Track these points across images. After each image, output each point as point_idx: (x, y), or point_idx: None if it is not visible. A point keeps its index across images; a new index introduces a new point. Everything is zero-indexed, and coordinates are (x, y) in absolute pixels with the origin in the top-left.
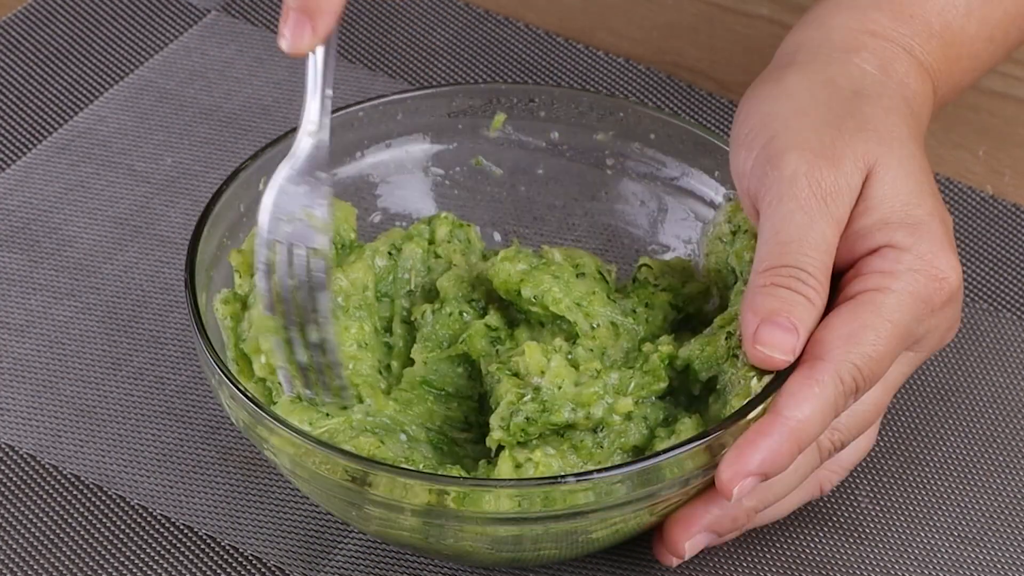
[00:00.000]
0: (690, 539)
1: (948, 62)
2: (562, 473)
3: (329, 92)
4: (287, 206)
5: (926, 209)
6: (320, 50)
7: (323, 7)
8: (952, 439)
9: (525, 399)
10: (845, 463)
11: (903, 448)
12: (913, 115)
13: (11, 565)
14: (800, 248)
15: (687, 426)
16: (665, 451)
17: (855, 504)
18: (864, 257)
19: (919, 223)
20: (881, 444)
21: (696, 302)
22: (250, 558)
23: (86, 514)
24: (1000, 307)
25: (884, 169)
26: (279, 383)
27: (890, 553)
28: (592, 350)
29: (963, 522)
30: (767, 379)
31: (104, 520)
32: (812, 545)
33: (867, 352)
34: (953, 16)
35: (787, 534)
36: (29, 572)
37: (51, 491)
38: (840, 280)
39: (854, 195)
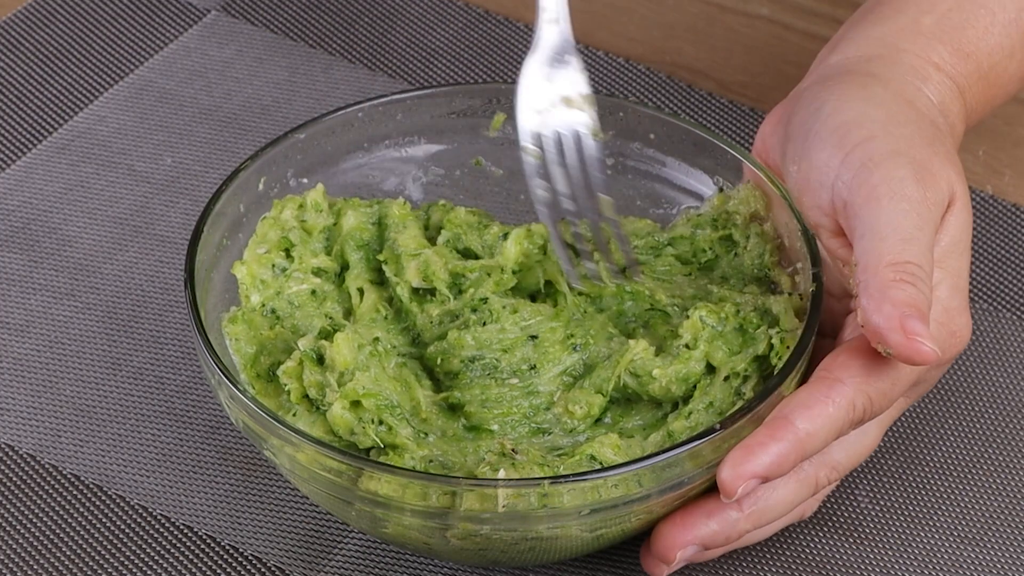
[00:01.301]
0: (683, 548)
1: (986, 102)
2: (558, 474)
3: None
4: (540, 98)
5: (962, 263)
6: None
7: None
8: (952, 439)
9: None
10: (824, 491)
11: (903, 448)
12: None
13: (11, 565)
14: (919, 248)
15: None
16: (664, 450)
17: (855, 504)
18: None
19: (954, 276)
20: (881, 444)
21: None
22: (250, 558)
23: (86, 514)
24: (1000, 307)
25: (959, 207)
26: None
27: (890, 553)
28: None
29: (963, 522)
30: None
31: (104, 520)
32: (812, 545)
33: (883, 388)
34: (1000, 57)
35: (787, 534)
36: (29, 572)
37: (51, 491)
38: None
39: (940, 215)
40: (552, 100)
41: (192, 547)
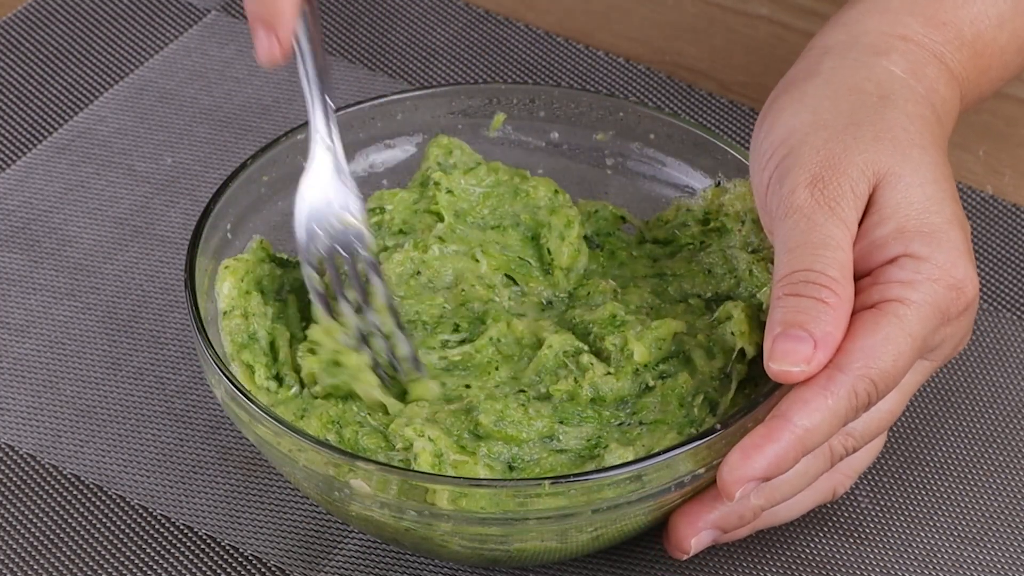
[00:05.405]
0: (696, 535)
1: (977, 72)
2: (558, 474)
3: (327, 99)
4: (320, 217)
5: (944, 216)
6: (307, 57)
7: (277, 13)
8: (952, 439)
9: None
10: (857, 467)
11: (903, 448)
12: (938, 121)
13: (11, 565)
14: (807, 250)
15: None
16: (663, 452)
17: (855, 505)
18: (882, 266)
19: (936, 231)
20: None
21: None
22: (250, 558)
23: (86, 514)
24: (1000, 307)
25: (896, 178)
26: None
27: (890, 553)
28: None
29: (963, 522)
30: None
31: (104, 520)
32: (812, 546)
33: (885, 368)
34: (985, 26)
35: (788, 535)
36: (29, 572)
37: (51, 491)
38: (856, 285)
39: (860, 202)
40: (332, 220)
41: (192, 547)
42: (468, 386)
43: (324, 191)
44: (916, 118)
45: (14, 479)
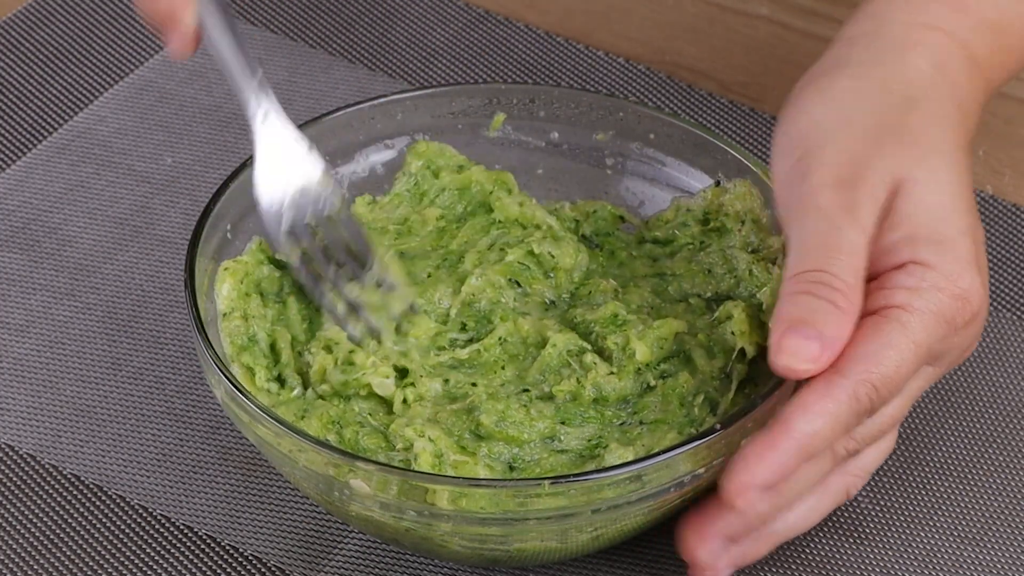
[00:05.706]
0: (705, 547)
1: (1001, 52)
2: (558, 474)
3: (258, 72)
4: (281, 199)
5: (957, 226)
6: (224, 43)
7: (174, 10)
8: (952, 439)
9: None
10: (868, 467)
11: (903, 448)
12: (962, 120)
13: (11, 565)
14: (825, 252)
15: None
16: (663, 452)
17: (855, 505)
18: (889, 272)
19: (946, 239)
20: None
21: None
22: (250, 558)
23: (86, 514)
24: (1000, 307)
25: (913, 184)
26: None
27: (890, 553)
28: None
29: (963, 522)
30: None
31: (104, 520)
32: (812, 545)
33: (887, 373)
34: (1007, 4)
35: None
36: (29, 572)
37: (51, 491)
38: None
39: (878, 207)
40: (293, 194)
41: (192, 547)
42: (474, 384)
43: (278, 181)
44: (940, 119)
45: (14, 479)
